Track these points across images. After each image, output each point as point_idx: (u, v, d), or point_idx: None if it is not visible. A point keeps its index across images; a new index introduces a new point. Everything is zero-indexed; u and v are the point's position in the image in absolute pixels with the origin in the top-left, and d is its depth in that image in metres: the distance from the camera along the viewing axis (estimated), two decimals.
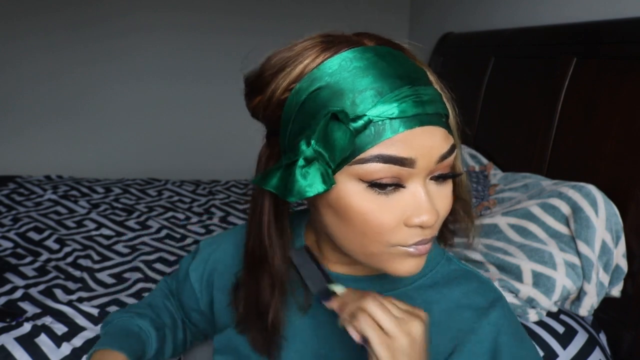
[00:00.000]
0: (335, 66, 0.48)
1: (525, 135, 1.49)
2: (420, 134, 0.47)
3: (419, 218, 0.48)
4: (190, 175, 2.56)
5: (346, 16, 2.66)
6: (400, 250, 0.50)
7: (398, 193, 0.49)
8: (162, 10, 2.54)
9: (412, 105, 0.46)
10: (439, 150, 0.48)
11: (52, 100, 2.51)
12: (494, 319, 0.56)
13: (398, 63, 0.49)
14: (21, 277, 1.36)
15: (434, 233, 0.51)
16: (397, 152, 0.46)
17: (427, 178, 0.50)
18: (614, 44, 1.21)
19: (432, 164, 0.48)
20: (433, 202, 0.49)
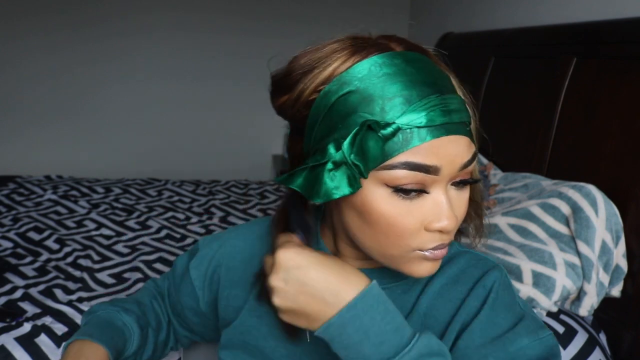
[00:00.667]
0: (365, 71, 0.49)
1: (525, 135, 1.49)
2: (446, 143, 0.48)
3: (439, 223, 0.50)
4: (190, 175, 2.56)
5: (346, 16, 2.67)
6: (417, 254, 0.52)
7: (421, 198, 0.50)
8: (162, 10, 2.55)
9: (439, 114, 0.48)
10: (463, 158, 0.50)
11: (52, 100, 2.51)
12: (489, 282, 0.58)
13: (426, 70, 0.50)
14: (21, 277, 1.36)
15: (452, 238, 0.53)
16: (423, 160, 0.48)
17: (449, 184, 0.51)
18: (614, 44, 1.21)
19: (455, 171, 0.50)
20: (453, 207, 0.51)
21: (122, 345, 0.67)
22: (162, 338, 0.75)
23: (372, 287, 0.50)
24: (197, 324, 0.74)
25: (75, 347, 0.63)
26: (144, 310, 0.75)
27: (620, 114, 1.15)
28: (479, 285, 0.58)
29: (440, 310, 0.59)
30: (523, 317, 0.57)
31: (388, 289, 0.61)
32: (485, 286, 0.58)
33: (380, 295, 0.51)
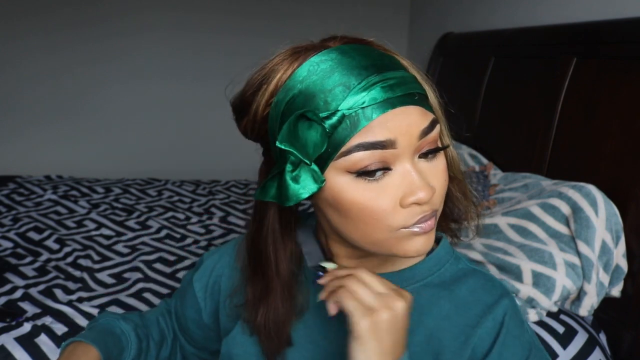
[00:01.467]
0: (305, 72, 0.50)
1: (525, 135, 1.49)
2: (394, 116, 0.49)
3: (413, 196, 0.49)
4: (190, 175, 2.56)
5: (346, 16, 2.67)
6: (404, 233, 0.51)
7: (388, 177, 0.50)
8: (162, 10, 2.54)
9: (380, 90, 0.48)
10: (418, 126, 0.50)
11: (52, 100, 2.51)
12: (500, 314, 0.57)
13: (363, 55, 0.51)
14: (21, 277, 1.36)
15: (435, 207, 0.52)
16: (375, 137, 0.48)
17: (416, 156, 0.51)
18: (614, 44, 1.21)
19: (414, 140, 0.50)
20: (426, 178, 0.51)
21: (116, 351, 0.68)
22: (166, 354, 0.76)
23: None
24: (201, 337, 0.74)
25: (69, 347, 0.66)
26: (146, 324, 0.76)
27: (620, 114, 1.15)
28: (489, 317, 0.57)
29: (446, 335, 0.58)
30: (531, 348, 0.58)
31: None
32: (495, 319, 0.57)
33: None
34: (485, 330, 0.57)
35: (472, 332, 0.57)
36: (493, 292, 0.60)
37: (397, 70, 0.51)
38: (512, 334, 0.57)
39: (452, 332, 0.57)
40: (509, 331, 0.57)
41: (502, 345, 0.56)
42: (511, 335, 0.57)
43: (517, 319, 0.59)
